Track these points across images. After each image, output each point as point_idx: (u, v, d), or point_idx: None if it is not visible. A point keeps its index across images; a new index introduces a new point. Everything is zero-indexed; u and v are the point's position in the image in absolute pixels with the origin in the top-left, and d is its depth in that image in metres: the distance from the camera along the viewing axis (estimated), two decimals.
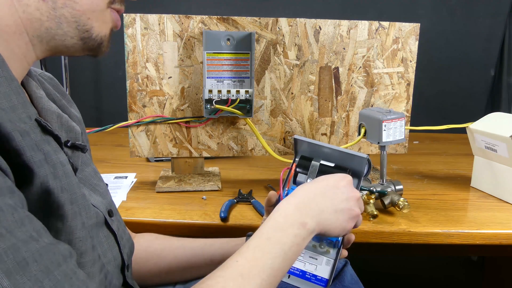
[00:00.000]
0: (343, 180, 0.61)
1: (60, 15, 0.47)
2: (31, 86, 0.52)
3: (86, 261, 0.48)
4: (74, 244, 0.46)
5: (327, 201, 0.58)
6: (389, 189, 0.94)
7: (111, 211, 0.59)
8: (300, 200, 0.57)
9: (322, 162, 0.70)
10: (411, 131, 1.20)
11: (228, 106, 1.02)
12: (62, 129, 0.53)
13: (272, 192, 0.70)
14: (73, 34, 0.49)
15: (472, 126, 1.07)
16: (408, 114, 1.17)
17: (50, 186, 0.43)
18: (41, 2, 0.46)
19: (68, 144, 0.52)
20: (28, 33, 0.47)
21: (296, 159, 0.72)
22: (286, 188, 0.70)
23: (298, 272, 0.64)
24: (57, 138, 0.48)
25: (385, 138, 0.97)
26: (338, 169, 0.69)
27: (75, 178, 0.49)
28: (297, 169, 0.71)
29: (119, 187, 1.06)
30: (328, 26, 1.08)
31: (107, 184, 0.64)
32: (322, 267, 0.64)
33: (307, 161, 0.70)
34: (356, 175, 0.70)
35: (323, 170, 0.69)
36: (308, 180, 0.68)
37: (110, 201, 0.61)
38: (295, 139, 0.71)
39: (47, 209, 0.44)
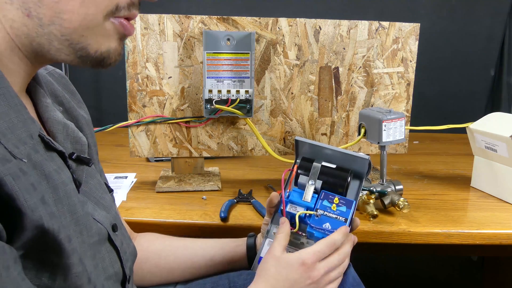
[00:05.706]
0: (299, 267, 0.60)
1: (49, 32, 0.43)
2: (38, 94, 0.51)
3: None
4: (70, 279, 0.45)
5: None
6: (389, 189, 0.94)
7: (115, 226, 0.57)
8: None
9: (324, 163, 0.70)
10: (411, 131, 1.20)
11: (228, 106, 1.02)
12: (68, 140, 0.51)
13: (274, 194, 0.70)
14: (67, 51, 0.44)
15: (472, 126, 1.07)
16: (408, 114, 1.17)
17: (45, 226, 0.41)
18: (26, 18, 0.42)
19: (73, 157, 0.51)
20: (20, 48, 0.44)
21: (298, 160, 0.72)
22: (288, 190, 0.70)
23: None
24: (61, 153, 0.47)
25: (385, 138, 0.97)
26: (340, 170, 0.69)
27: (78, 197, 0.47)
28: (299, 171, 0.70)
29: (119, 187, 1.06)
30: (328, 26, 1.08)
31: (112, 190, 0.62)
32: None
33: (309, 163, 0.70)
34: (358, 176, 0.70)
35: (325, 172, 0.69)
36: (310, 182, 0.68)
37: (115, 214, 0.59)
38: (296, 141, 0.71)
39: (43, 247, 0.42)
